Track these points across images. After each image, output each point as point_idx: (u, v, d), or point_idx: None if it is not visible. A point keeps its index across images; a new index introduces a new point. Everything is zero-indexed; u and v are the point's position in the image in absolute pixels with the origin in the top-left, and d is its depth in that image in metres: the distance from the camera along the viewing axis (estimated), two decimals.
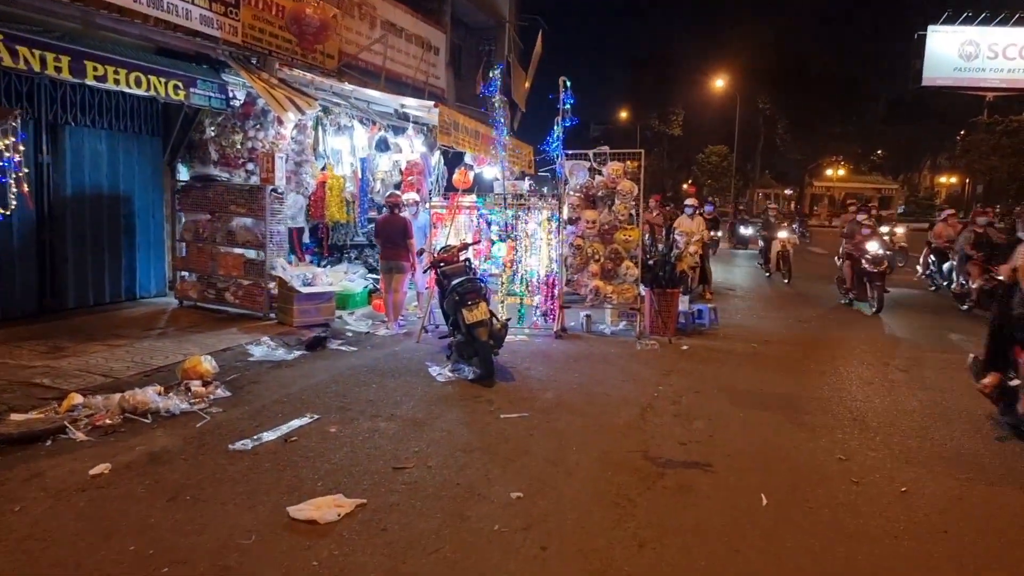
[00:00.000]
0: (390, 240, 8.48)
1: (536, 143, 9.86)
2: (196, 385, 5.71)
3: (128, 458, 4.36)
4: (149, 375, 6.05)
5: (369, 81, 11.19)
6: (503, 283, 8.61)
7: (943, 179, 58.74)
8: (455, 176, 10.77)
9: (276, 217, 8.41)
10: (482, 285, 6.20)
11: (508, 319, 6.92)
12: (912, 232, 21.36)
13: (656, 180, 47.48)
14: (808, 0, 52.06)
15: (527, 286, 8.57)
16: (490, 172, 11.61)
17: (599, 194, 8.33)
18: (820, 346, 8.23)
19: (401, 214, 8.55)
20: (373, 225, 9.19)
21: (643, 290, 8.58)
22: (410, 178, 10.82)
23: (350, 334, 8.26)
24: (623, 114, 53.90)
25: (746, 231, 23.88)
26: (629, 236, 8.23)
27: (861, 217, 11.45)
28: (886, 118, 49.44)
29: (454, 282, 6.44)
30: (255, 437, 4.71)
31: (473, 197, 9.07)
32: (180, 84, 8.24)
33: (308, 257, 11.77)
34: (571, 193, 8.39)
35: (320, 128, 9.27)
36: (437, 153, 11.29)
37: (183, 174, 9.47)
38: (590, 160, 8.31)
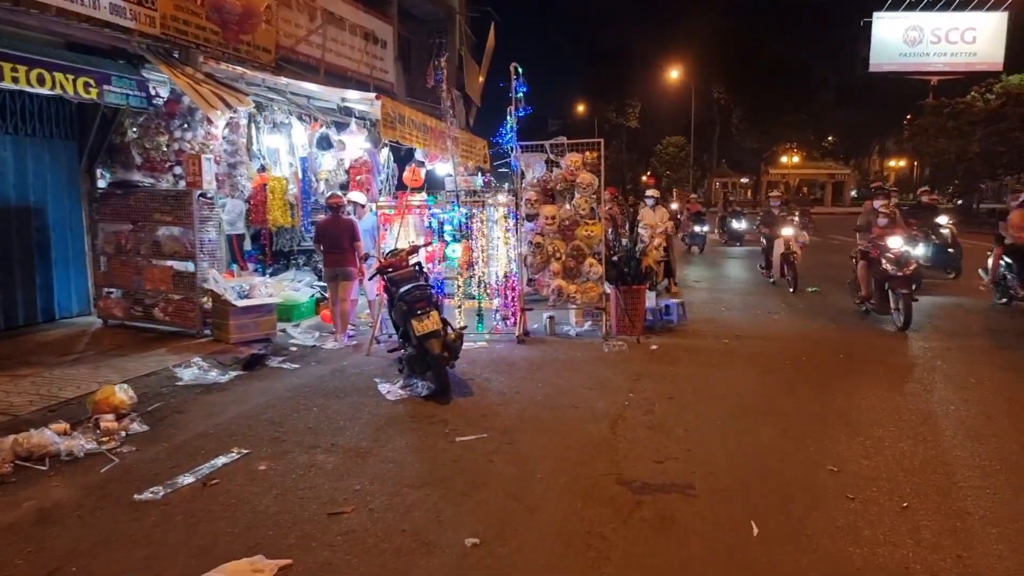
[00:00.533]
0: (334, 244, 7.81)
1: (492, 137, 9.33)
2: (108, 420, 4.99)
3: (10, 518, 3.65)
4: (55, 410, 5.29)
5: (310, 76, 10.44)
6: (459, 287, 8.03)
7: (892, 163, 60.23)
8: (405, 174, 10.13)
9: (207, 224, 7.65)
10: (433, 292, 5.61)
11: (464, 327, 6.34)
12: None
13: (615, 172, 47.37)
14: None
15: (485, 289, 8.00)
16: (443, 169, 10.98)
17: (558, 188, 7.81)
18: (796, 340, 7.86)
19: (345, 215, 7.89)
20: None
21: (608, 288, 8.10)
22: (358, 177, 10.12)
23: (294, 349, 7.57)
24: (580, 108, 53.69)
25: (739, 225, 20.84)
26: (591, 231, 7.72)
27: (879, 204, 8.89)
28: (836, 104, 50.27)
29: (402, 289, 5.82)
30: (169, 482, 4.04)
31: (423, 195, 8.45)
32: (91, 81, 7.39)
33: (251, 265, 10.99)
34: (528, 188, 7.84)
35: (254, 126, 8.52)
36: (386, 150, 10.62)
37: (105, 181, 8.62)
38: (546, 152, 7.78)
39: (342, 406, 5.51)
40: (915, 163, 56.00)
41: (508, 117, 7.67)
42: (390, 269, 6.42)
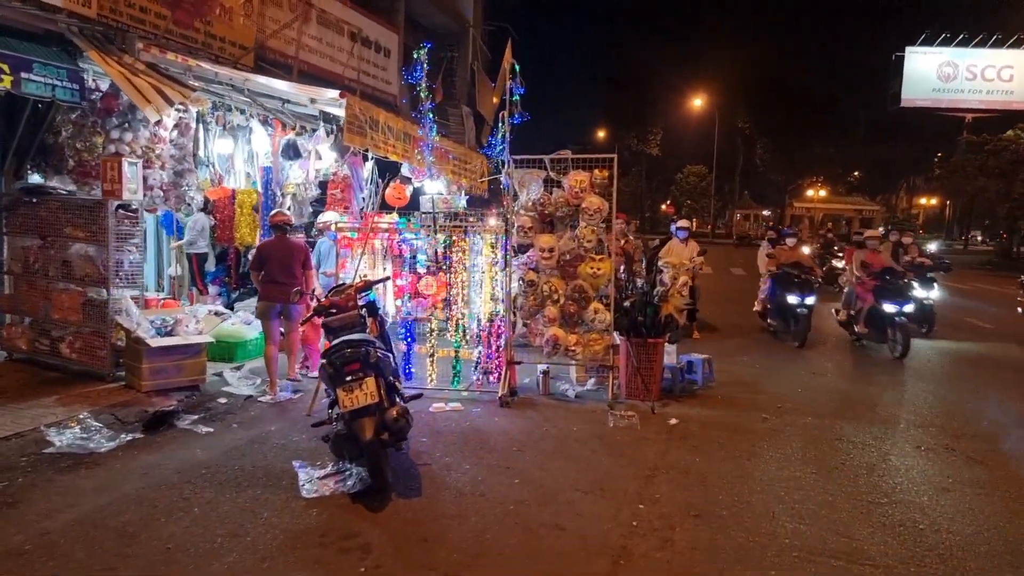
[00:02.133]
0: (282, 271, 6.29)
1: (481, 148, 7.81)
2: None
3: None
4: None
5: (289, 78, 9.04)
6: (432, 330, 6.44)
7: (923, 200, 58.09)
8: (388, 191, 8.64)
9: (127, 242, 6.18)
10: (371, 350, 4.02)
11: (419, 395, 4.68)
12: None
13: (634, 201, 45.91)
14: (788, 21, 51.26)
15: (464, 335, 6.41)
16: (434, 187, 9.48)
17: (558, 213, 6.22)
18: (854, 414, 6.14)
19: (294, 237, 6.38)
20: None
21: (618, 338, 6.47)
22: (335, 192, 8.65)
23: (222, 402, 6.01)
24: (600, 133, 52.32)
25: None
26: (598, 269, 6.11)
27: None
28: (865, 139, 48.52)
29: (334, 342, 4.24)
30: None
31: (394, 216, 6.93)
32: (4, 68, 6.02)
33: (214, 289, 9.53)
34: (520, 211, 6.27)
35: (202, 128, 7.08)
36: (370, 163, 9.15)
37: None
38: (546, 168, 6.21)
39: (235, 506, 3.91)
40: (947, 202, 53.95)
41: (499, 124, 6.14)
42: (333, 310, 4.85)
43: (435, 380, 6.45)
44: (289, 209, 8.02)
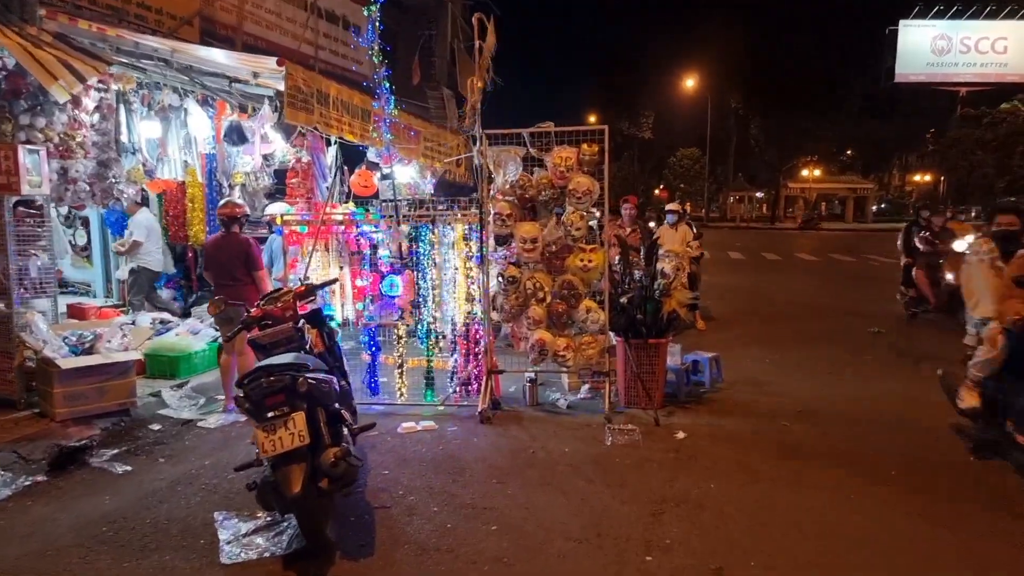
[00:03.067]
0: (223, 274, 5.42)
1: (449, 124, 6.87)
2: None
3: None
4: None
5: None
6: (400, 337, 5.57)
7: (917, 177, 57.34)
8: (352, 178, 7.73)
9: (33, 245, 5.26)
10: (301, 377, 3.15)
11: (370, 426, 3.80)
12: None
13: (626, 185, 44.92)
14: None
15: (438, 342, 5.54)
16: (406, 174, 8.55)
17: (541, 197, 5.34)
18: (886, 419, 5.31)
19: (241, 232, 5.49)
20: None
21: (614, 339, 5.62)
22: (293, 182, 7.73)
23: (155, 429, 5.14)
24: (591, 118, 51.24)
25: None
26: (589, 262, 5.24)
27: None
28: (858, 116, 47.68)
29: (254, 368, 3.35)
30: None
31: (350, 206, 6.04)
32: None
33: (168, 293, 8.63)
34: (498, 197, 5.38)
35: (124, 108, 6.15)
36: (334, 148, 8.23)
37: None
38: (525, 144, 5.32)
39: None
40: (941, 178, 53.27)
41: (468, 95, 5.24)
42: (267, 322, 3.96)
43: (406, 395, 5.59)
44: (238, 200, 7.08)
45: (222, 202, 5.68)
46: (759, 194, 55.17)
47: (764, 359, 7.40)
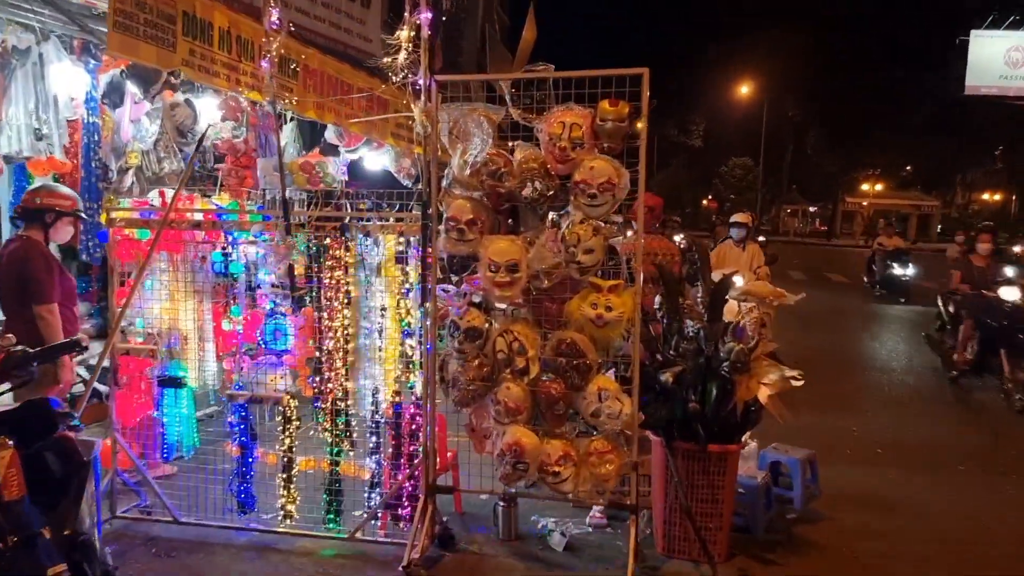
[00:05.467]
0: (4, 303, 3.26)
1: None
2: None
3: None
4: None
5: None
6: (288, 419, 3.26)
7: (985, 196, 52.62)
8: (297, 162, 5.51)
9: None
10: None
11: None
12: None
13: (673, 194, 41.95)
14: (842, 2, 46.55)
15: (348, 430, 3.22)
16: (377, 161, 6.22)
17: (526, 192, 2.94)
18: None
19: (32, 236, 3.27)
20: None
21: (650, 435, 3.21)
22: (224, 169, 5.55)
23: None
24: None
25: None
26: (608, 309, 2.83)
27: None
28: (924, 128, 43.72)
29: None
30: None
31: (217, 200, 3.81)
32: None
33: (84, 307, 6.55)
34: (454, 189, 3.02)
35: None
36: (291, 125, 6.06)
37: None
38: (506, 98, 2.95)
39: None
40: (1013, 196, 48.50)
41: (402, 29, 2.94)
42: None
43: (295, 516, 3.29)
44: (131, 189, 4.93)
45: (33, 187, 3.52)
46: (812, 208, 51.32)
47: (872, 444, 4.85)
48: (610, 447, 2.93)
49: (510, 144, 2.98)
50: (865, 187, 45.87)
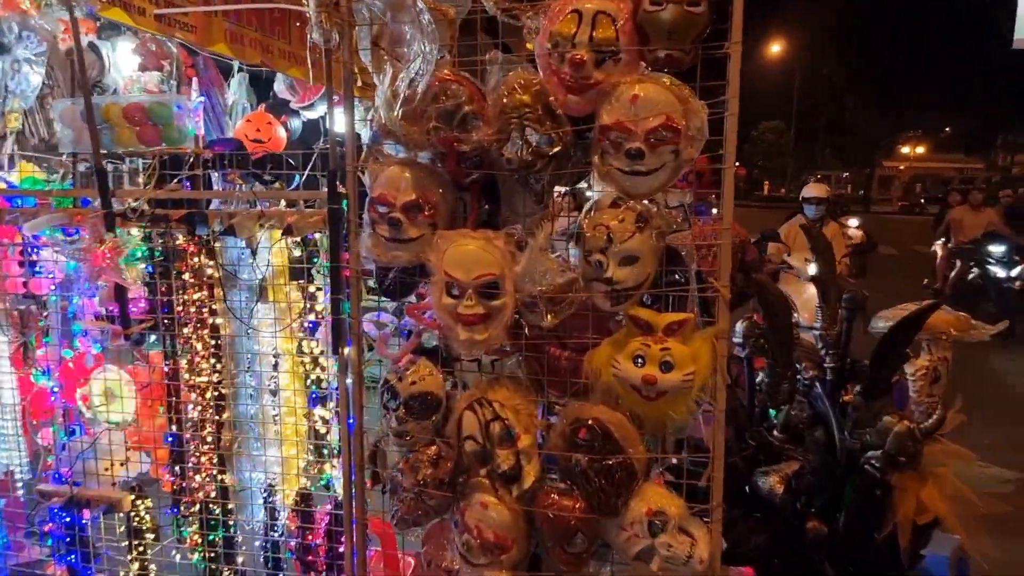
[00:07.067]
0: None
1: None
2: None
3: None
4: None
5: None
6: (140, 529, 1.99)
7: None
8: (239, 125, 4.19)
9: None
10: None
11: None
12: None
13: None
14: None
15: (230, 556, 1.94)
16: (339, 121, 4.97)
17: (509, 148, 1.57)
18: None
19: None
20: None
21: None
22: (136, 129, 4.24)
23: None
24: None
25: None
26: (668, 363, 1.48)
27: None
28: (968, 86, 40.66)
29: None
30: None
31: (13, 176, 2.52)
32: None
33: None
34: (383, 147, 1.67)
35: None
36: (239, 77, 4.76)
37: None
38: None
39: None
40: None
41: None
42: None
43: None
44: (14, 159, 3.67)
45: None
46: (844, 174, 48.52)
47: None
48: None
49: (481, 60, 1.60)
50: (905, 150, 43.07)
